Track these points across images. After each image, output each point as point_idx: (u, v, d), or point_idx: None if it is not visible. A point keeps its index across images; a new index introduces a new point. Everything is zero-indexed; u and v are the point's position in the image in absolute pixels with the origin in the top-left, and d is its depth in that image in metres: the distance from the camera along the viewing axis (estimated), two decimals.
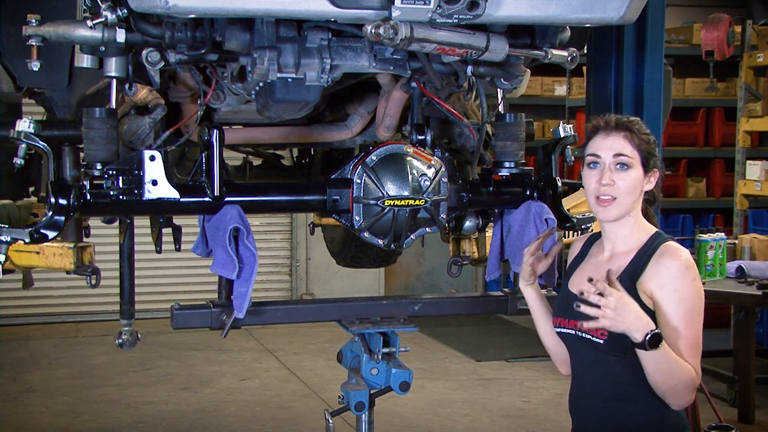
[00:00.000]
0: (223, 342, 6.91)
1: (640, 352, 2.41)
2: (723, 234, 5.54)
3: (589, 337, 2.54)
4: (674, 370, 2.43)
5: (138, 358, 7.48)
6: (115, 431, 5.93)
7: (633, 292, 2.49)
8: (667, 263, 2.50)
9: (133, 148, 2.92)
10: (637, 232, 2.61)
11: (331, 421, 3.05)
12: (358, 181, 2.91)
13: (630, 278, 2.52)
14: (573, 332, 2.60)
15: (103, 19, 2.64)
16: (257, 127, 3.71)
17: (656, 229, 2.62)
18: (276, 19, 2.70)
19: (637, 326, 2.39)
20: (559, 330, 2.68)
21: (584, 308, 2.39)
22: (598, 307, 2.37)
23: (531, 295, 2.85)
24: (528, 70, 3.42)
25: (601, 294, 2.38)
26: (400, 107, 3.36)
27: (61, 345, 8.19)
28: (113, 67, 2.82)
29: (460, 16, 2.59)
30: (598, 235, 2.75)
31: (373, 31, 2.52)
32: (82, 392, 6.70)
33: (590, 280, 2.43)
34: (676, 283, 2.48)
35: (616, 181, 2.56)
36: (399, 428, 5.89)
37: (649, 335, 2.38)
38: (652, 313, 2.48)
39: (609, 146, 2.57)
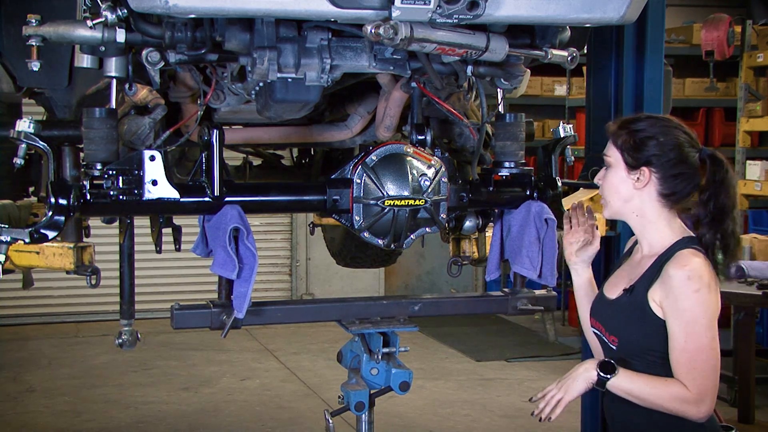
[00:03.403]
0: (223, 342, 6.91)
1: (608, 386, 2.45)
2: None
3: (605, 340, 2.58)
4: (647, 394, 2.43)
5: (138, 358, 7.48)
6: (115, 431, 5.93)
7: (645, 302, 2.48)
8: (674, 272, 2.43)
9: (133, 148, 2.92)
10: (662, 236, 2.54)
11: (331, 421, 3.05)
12: (358, 181, 2.91)
13: (644, 287, 2.50)
14: (599, 334, 2.64)
15: (103, 19, 2.64)
16: (257, 127, 3.70)
17: (687, 234, 2.54)
18: (276, 19, 2.70)
19: (585, 376, 2.46)
20: (590, 329, 2.71)
21: (545, 404, 2.49)
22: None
23: (578, 278, 2.82)
24: (528, 70, 3.42)
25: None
26: (400, 107, 3.36)
27: (61, 345, 8.19)
28: (113, 67, 2.82)
29: (460, 16, 2.59)
30: None
31: (373, 31, 2.52)
32: (82, 392, 6.70)
33: (530, 399, 2.59)
34: (679, 293, 2.41)
35: (601, 181, 2.61)
36: (399, 428, 5.89)
37: (597, 367, 2.44)
38: (663, 323, 2.45)
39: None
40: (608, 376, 2.42)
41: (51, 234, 2.69)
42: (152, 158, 2.77)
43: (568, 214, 2.83)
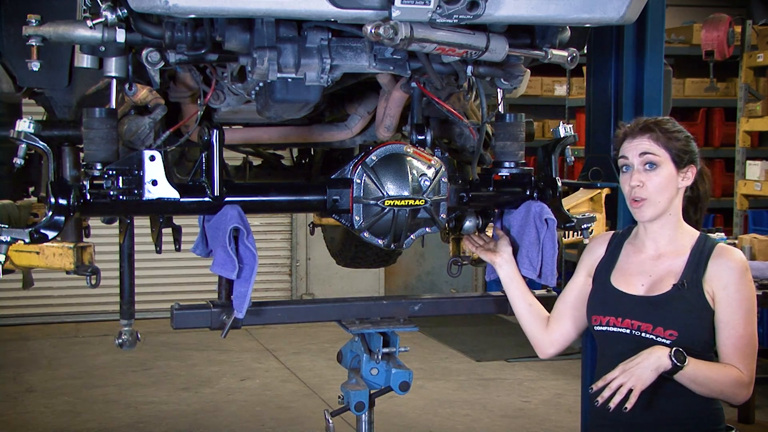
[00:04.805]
0: (223, 342, 6.89)
1: (677, 376, 2.46)
2: (723, 234, 5.54)
3: (652, 337, 2.57)
4: (711, 380, 2.49)
5: (138, 358, 7.48)
6: (115, 431, 5.93)
7: (700, 292, 2.56)
8: (729, 264, 2.56)
9: (133, 148, 2.91)
10: (682, 233, 2.68)
11: (331, 421, 3.05)
12: (358, 181, 2.90)
13: (694, 279, 2.58)
14: (629, 332, 2.63)
15: (103, 19, 2.64)
16: (257, 127, 3.70)
17: (698, 231, 2.68)
18: (276, 19, 2.70)
19: (657, 365, 2.45)
20: (605, 329, 2.69)
21: (611, 392, 2.45)
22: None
23: (507, 272, 3.02)
24: (528, 70, 3.42)
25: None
26: (400, 107, 3.36)
27: (61, 345, 8.20)
28: (113, 67, 2.82)
29: (460, 16, 2.59)
30: (621, 235, 2.81)
31: (373, 31, 2.52)
32: (82, 392, 6.70)
33: (590, 388, 2.53)
34: (738, 284, 2.55)
35: (645, 182, 2.63)
36: (399, 428, 5.89)
37: (671, 354, 2.44)
38: (712, 312, 2.55)
39: (635, 147, 2.66)
40: (682, 365, 2.46)
41: (51, 234, 2.68)
42: (152, 158, 2.77)
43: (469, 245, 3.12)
